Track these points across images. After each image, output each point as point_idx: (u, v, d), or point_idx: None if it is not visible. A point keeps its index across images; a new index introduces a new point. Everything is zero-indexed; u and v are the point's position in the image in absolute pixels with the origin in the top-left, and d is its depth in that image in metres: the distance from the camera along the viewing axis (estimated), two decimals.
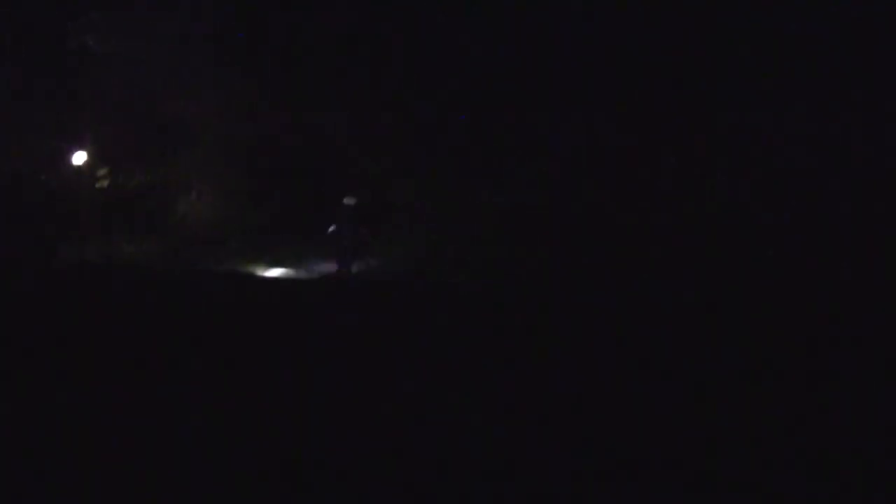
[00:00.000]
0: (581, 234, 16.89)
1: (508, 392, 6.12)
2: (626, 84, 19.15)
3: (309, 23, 19.84)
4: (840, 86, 17.56)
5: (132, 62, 20.28)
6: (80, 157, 21.41)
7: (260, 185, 19.96)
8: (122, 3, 20.76)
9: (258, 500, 4.29)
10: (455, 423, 5.57)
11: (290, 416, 5.66)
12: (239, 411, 5.75)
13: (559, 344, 7.60)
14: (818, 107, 17.52)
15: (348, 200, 18.79)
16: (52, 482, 4.41)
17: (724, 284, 11.11)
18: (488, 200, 19.24)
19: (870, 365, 6.44)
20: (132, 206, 21.27)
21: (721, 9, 18.70)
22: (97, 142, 21.21)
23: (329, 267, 18.60)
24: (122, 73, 20.39)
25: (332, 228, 18.39)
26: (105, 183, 22.22)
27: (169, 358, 7.49)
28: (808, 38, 18.07)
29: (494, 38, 19.69)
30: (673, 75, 18.96)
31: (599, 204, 18.17)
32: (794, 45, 18.20)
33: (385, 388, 6.44)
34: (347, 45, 19.66)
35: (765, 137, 17.88)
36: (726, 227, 15.60)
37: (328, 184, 19.66)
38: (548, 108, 19.36)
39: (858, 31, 17.57)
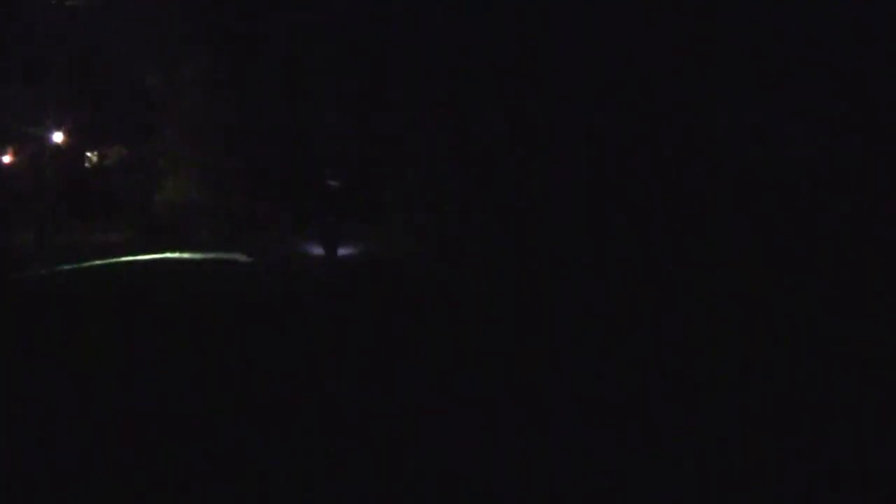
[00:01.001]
0: (569, 232, 16.72)
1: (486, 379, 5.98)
2: (625, 84, 18.96)
3: (304, 6, 19.36)
4: (838, 86, 17.47)
5: (107, 28, 19.48)
6: (51, 135, 20.48)
7: (244, 168, 19.46)
8: None
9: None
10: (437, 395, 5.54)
11: (279, 396, 5.55)
12: (228, 392, 5.59)
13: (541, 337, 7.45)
14: (815, 107, 17.42)
15: (332, 183, 18.45)
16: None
17: (722, 284, 10.87)
18: (471, 194, 19.02)
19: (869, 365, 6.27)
20: (107, 188, 20.61)
21: (720, 9, 18.57)
22: (68, 118, 20.44)
23: (314, 250, 18.26)
24: (96, 41, 19.64)
25: (316, 214, 18.14)
26: (77, 163, 21.38)
27: (152, 343, 7.30)
28: (807, 38, 17.97)
29: (491, 33, 19.44)
30: (671, 75, 18.79)
31: (586, 203, 17.99)
32: (792, 46, 18.10)
33: (370, 370, 6.33)
34: (339, 24, 19.25)
35: (763, 137, 17.76)
36: (724, 226, 15.43)
37: (314, 168, 19.31)
38: (543, 107, 19.15)
39: (858, 32, 17.51)
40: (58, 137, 20.97)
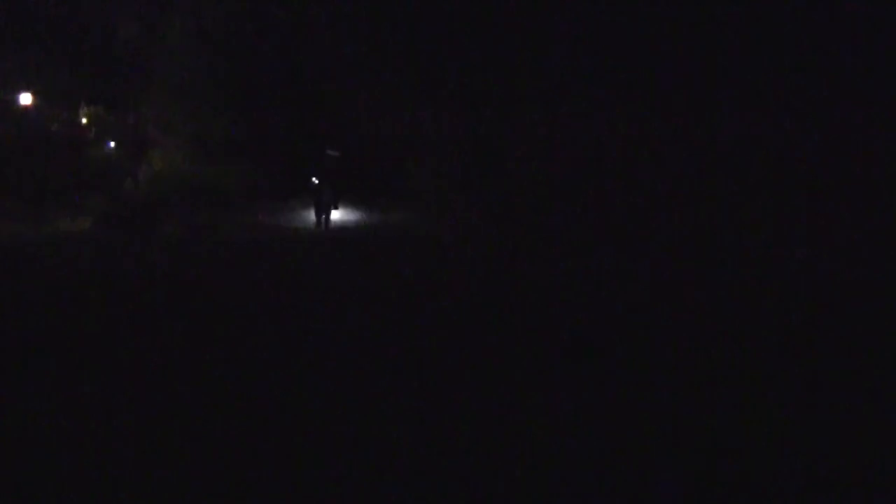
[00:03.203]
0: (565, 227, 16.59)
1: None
2: (624, 82, 18.77)
3: None
4: (836, 87, 17.42)
5: None
6: (26, 99, 18.30)
7: (239, 134, 18.49)
8: None
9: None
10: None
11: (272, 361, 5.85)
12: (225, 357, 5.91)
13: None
14: (813, 107, 17.36)
15: (331, 152, 17.99)
16: None
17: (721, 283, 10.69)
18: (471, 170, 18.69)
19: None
20: (78, 163, 18.20)
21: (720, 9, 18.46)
22: (50, 79, 18.52)
23: (307, 218, 17.86)
24: None
25: (312, 181, 17.47)
26: (60, 129, 19.41)
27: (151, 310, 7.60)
28: (805, 38, 17.90)
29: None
30: (670, 74, 18.65)
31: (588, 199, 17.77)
32: (790, 46, 18.02)
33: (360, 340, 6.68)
34: None
35: (761, 137, 17.66)
36: (723, 225, 15.28)
37: (315, 135, 18.64)
38: (546, 103, 18.89)
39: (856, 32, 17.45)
40: (25, 100, 18.75)
